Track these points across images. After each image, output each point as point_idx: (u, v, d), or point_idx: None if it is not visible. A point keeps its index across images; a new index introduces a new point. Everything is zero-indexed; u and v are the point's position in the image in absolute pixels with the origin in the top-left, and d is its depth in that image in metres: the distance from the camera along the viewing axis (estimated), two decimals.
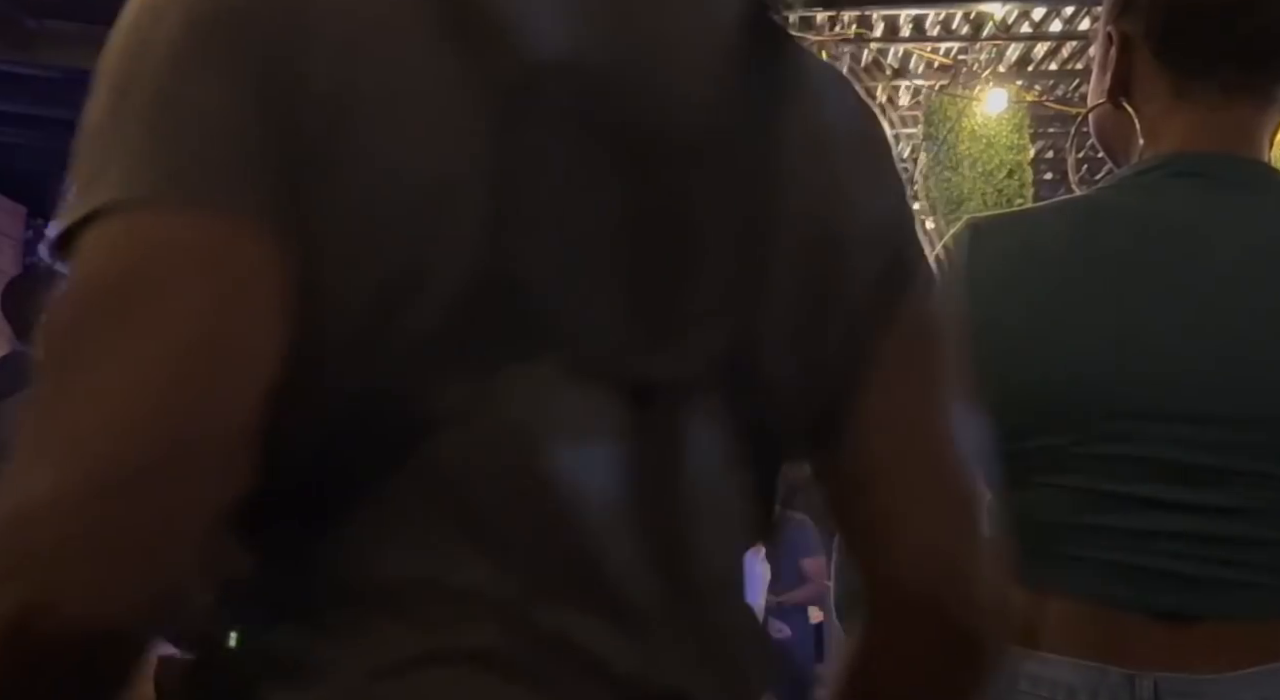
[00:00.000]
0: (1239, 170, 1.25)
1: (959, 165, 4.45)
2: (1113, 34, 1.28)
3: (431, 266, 0.56)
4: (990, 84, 4.40)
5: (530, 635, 0.59)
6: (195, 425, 0.53)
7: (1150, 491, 1.18)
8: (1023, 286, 1.23)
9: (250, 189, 0.55)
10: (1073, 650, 1.19)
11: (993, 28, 4.26)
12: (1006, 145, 4.46)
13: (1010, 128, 4.46)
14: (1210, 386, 1.17)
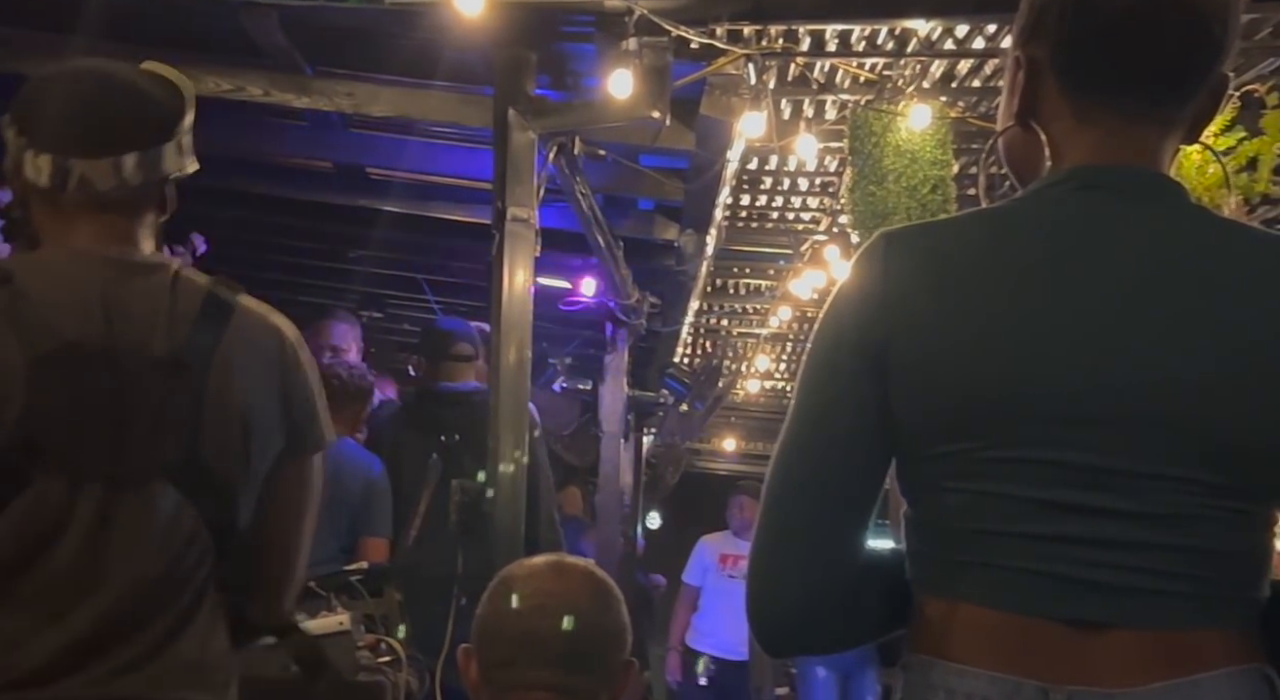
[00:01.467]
0: (1142, 182, 1.27)
1: (884, 179, 4.48)
2: (1020, 58, 1.31)
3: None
4: (914, 100, 4.44)
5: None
6: None
7: (1063, 496, 1.19)
8: (936, 296, 1.25)
9: None
10: (987, 661, 1.20)
11: (917, 44, 4.31)
12: (930, 160, 4.50)
13: (934, 143, 4.50)
14: (1121, 391, 1.19)
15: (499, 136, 3.49)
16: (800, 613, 1.29)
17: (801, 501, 1.27)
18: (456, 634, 3.19)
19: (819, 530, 1.27)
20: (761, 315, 8.29)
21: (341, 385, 3.92)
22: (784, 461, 1.29)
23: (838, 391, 1.27)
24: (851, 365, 1.26)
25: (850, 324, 1.28)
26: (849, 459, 1.27)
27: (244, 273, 5.98)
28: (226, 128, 4.58)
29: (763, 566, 1.29)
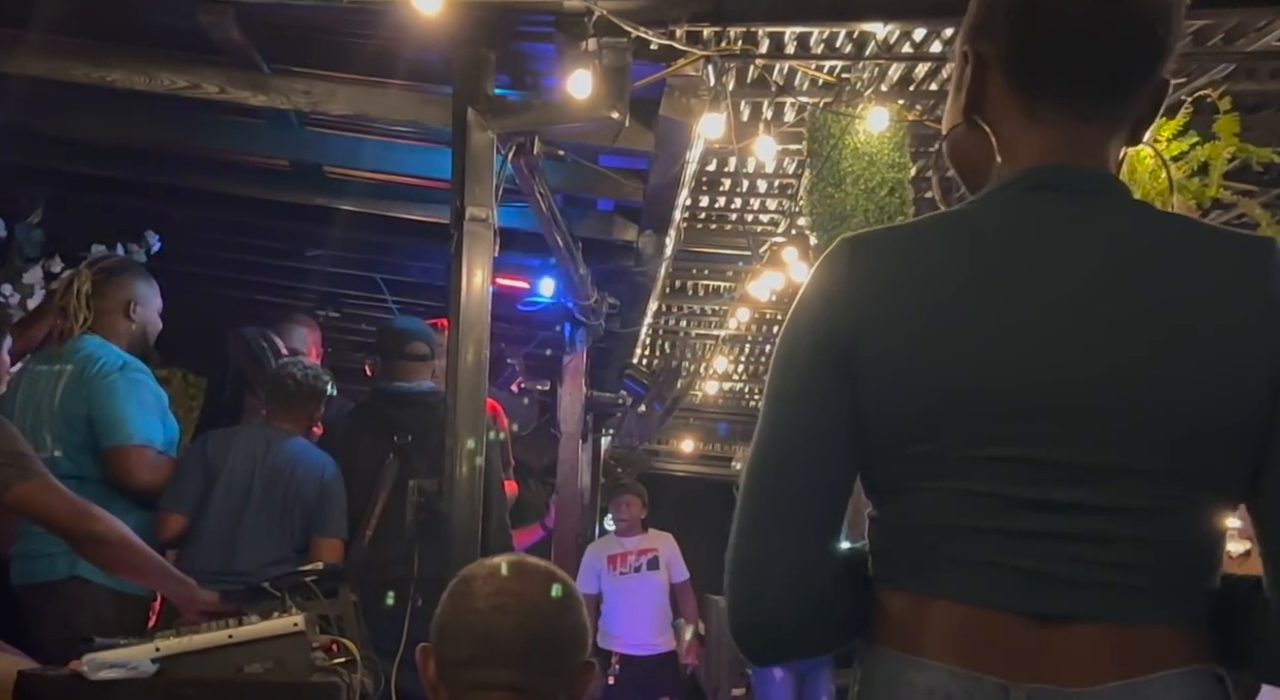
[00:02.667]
0: (1094, 183, 1.29)
1: (842, 182, 4.51)
2: (968, 53, 1.32)
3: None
4: (872, 103, 4.46)
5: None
6: None
7: (1026, 492, 1.21)
8: (900, 298, 1.27)
9: None
10: (951, 656, 1.21)
11: (875, 47, 4.33)
12: (888, 163, 4.53)
13: (892, 146, 4.53)
14: (1079, 388, 1.21)
15: (458, 136, 3.47)
16: (783, 622, 1.29)
17: (777, 511, 1.28)
18: (412, 634, 3.18)
19: (796, 539, 1.27)
20: (720, 317, 8.31)
21: (296, 386, 3.91)
22: (757, 470, 1.30)
23: (807, 396, 1.28)
24: (819, 368, 1.27)
25: (815, 328, 1.29)
26: (822, 464, 1.27)
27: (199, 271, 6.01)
28: (182, 125, 4.55)
29: (742, 577, 1.29)
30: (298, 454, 3.85)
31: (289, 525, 3.76)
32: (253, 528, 3.70)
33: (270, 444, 3.82)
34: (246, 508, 3.70)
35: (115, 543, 2.95)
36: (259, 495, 3.73)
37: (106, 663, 2.41)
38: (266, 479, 3.75)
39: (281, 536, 3.75)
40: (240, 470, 3.74)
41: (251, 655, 2.47)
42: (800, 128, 4.78)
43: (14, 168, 4.92)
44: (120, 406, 3.48)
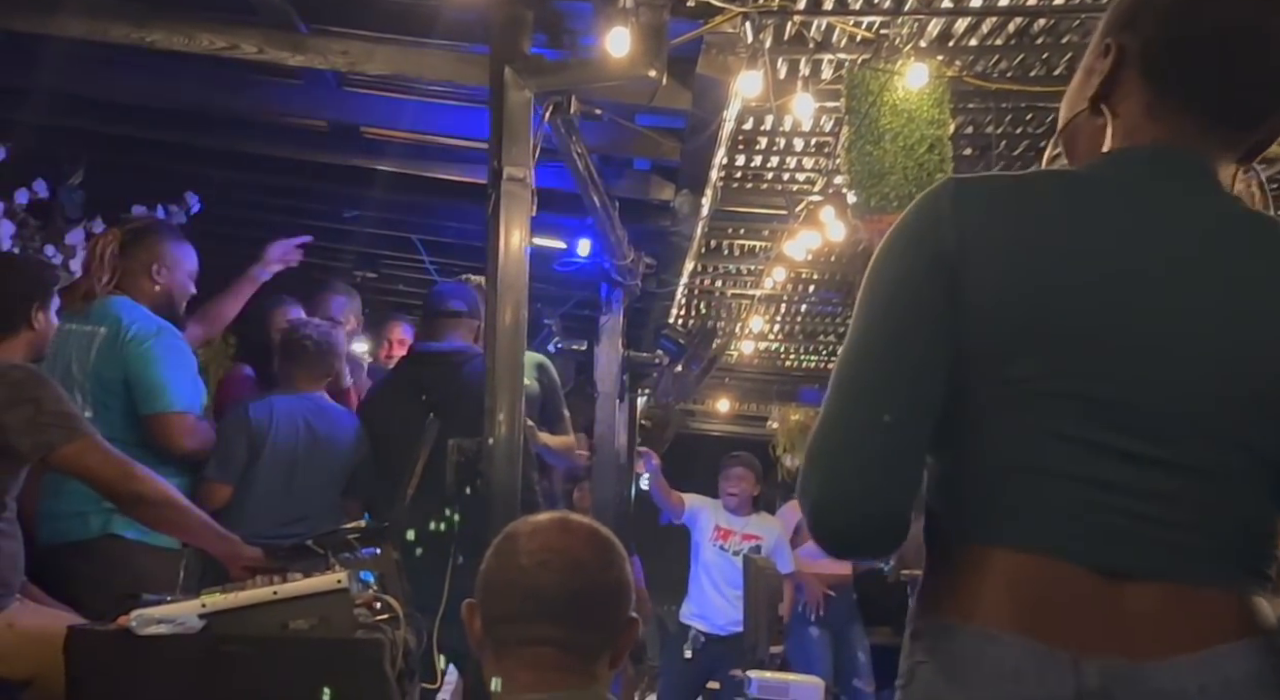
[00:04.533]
0: (1202, 168, 1.33)
1: (880, 139, 4.47)
2: (1111, 44, 1.34)
3: None
4: (912, 58, 4.42)
5: None
6: None
7: (1105, 438, 1.22)
8: (1008, 226, 1.29)
9: None
10: (1018, 622, 1.20)
11: (914, 2, 4.29)
12: (927, 120, 4.49)
13: (931, 102, 4.49)
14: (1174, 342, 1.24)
15: (495, 95, 3.46)
16: (873, 514, 1.26)
17: (871, 410, 1.27)
18: (453, 591, 3.21)
19: (888, 442, 1.26)
20: (756, 276, 8.28)
21: (315, 345, 3.97)
22: (855, 366, 1.29)
23: (909, 300, 1.29)
24: (923, 278, 1.28)
25: (920, 241, 1.30)
26: (921, 365, 1.27)
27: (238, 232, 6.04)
28: (220, 86, 4.57)
29: (834, 461, 1.27)
30: (336, 416, 3.92)
31: (336, 486, 3.82)
32: (302, 492, 3.75)
33: (309, 409, 3.87)
34: (295, 473, 3.75)
35: (161, 502, 2.99)
36: (305, 460, 3.78)
37: (154, 618, 2.45)
38: (311, 444, 3.81)
39: (331, 498, 3.81)
40: (285, 437, 3.79)
41: (296, 611, 2.50)
42: (838, 85, 4.74)
43: (55, 129, 4.95)
44: (160, 373, 3.51)
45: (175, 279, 3.78)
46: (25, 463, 2.93)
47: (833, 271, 7.82)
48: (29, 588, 3.02)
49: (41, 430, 2.85)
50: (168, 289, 3.76)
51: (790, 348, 10.83)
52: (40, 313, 3.11)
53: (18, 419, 2.83)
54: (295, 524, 3.65)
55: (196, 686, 2.46)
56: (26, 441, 2.84)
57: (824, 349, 10.77)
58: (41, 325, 3.12)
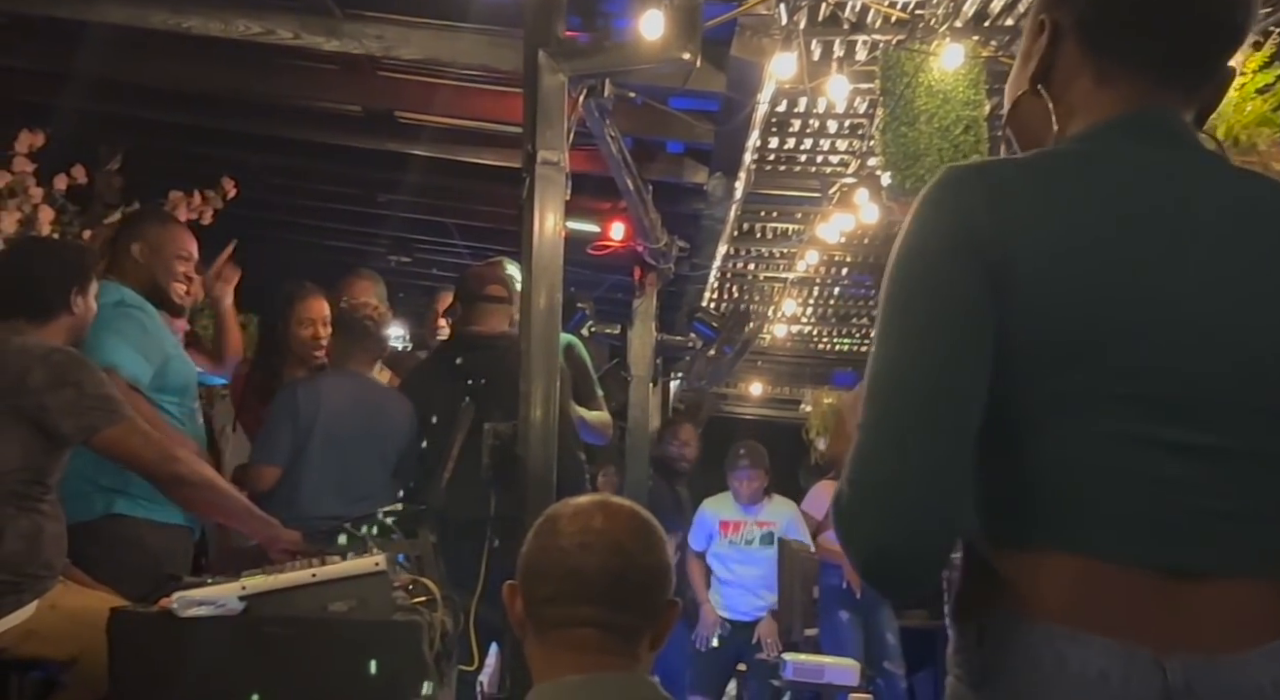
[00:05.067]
0: (1180, 125, 1.30)
1: (916, 120, 4.45)
2: (1045, 22, 1.33)
3: None
4: (947, 39, 4.39)
5: None
6: None
7: (1167, 433, 1.19)
8: (1049, 228, 1.23)
9: None
10: (1092, 623, 1.17)
11: None
12: (963, 101, 4.46)
13: (966, 83, 4.46)
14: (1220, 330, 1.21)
15: (529, 79, 3.47)
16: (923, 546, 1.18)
17: (912, 436, 1.17)
18: (490, 574, 3.23)
19: (939, 457, 1.17)
20: (789, 259, 8.26)
21: (375, 326, 3.99)
22: (893, 379, 1.19)
23: (949, 308, 1.20)
24: (962, 280, 1.20)
25: (954, 242, 1.21)
26: (965, 376, 1.19)
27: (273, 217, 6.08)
28: (256, 71, 4.59)
29: (879, 499, 1.17)
30: (386, 395, 3.95)
31: (388, 465, 3.85)
32: (359, 471, 3.77)
33: (359, 387, 3.89)
34: (348, 451, 3.77)
35: (200, 484, 3.02)
36: (358, 438, 3.80)
37: (195, 600, 2.48)
38: (363, 421, 3.83)
39: (384, 478, 3.83)
40: (335, 415, 3.81)
41: (335, 594, 2.52)
42: (872, 66, 4.71)
43: (94, 115, 4.99)
44: (100, 332, 3.41)
45: (158, 260, 3.68)
46: (68, 445, 2.96)
47: (866, 254, 7.79)
48: (71, 570, 3.06)
49: (84, 413, 2.88)
50: (150, 270, 3.70)
51: (823, 331, 10.79)
52: (80, 297, 3.14)
53: (60, 402, 2.86)
54: (359, 503, 3.68)
55: (236, 667, 2.49)
56: (69, 424, 2.88)
57: (857, 332, 10.73)
58: (80, 310, 3.15)
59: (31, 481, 2.88)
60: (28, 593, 2.83)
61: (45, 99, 4.80)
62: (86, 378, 2.92)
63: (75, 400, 2.87)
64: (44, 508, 2.91)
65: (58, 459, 2.96)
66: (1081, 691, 1.16)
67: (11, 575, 2.82)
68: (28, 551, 2.85)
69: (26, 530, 2.85)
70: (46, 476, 2.92)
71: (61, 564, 2.98)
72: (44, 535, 2.89)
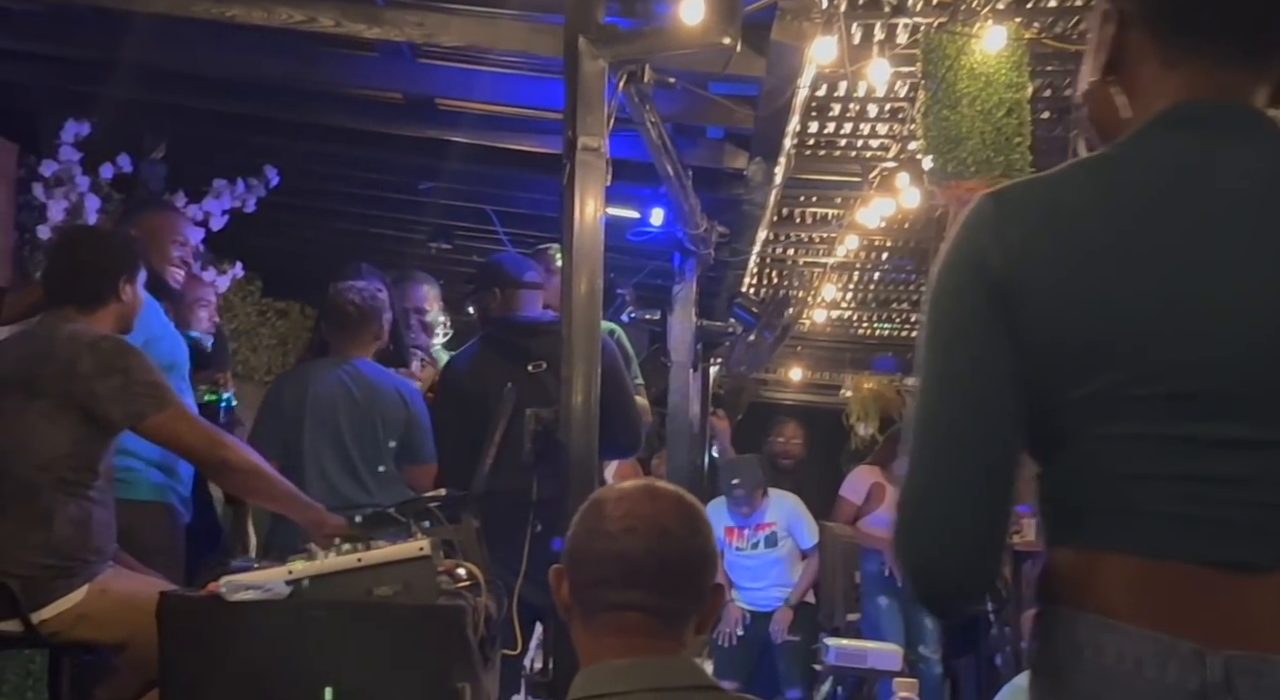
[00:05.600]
0: (1235, 114, 1.28)
1: (958, 104, 4.42)
2: (1110, 11, 1.32)
3: None
4: (989, 21, 4.35)
5: None
6: None
7: (1207, 431, 1.19)
8: (1053, 236, 1.25)
9: None
10: (1137, 615, 1.18)
11: None
12: (1005, 83, 4.43)
13: (1009, 66, 4.43)
14: (1248, 321, 1.20)
15: (569, 65, 3.46)
16: (968, 567, 1.26)
17: (952, 463, 1.25)
18: (533, 559, 3.24)
19: (981, 487, 1.25)
20: (828, 244, 8.22)
21: (357, 310, 3.98)
22: (931, 418, 1.27)
23: (967, 341, 1.27)
24: (976, 310, 1.26)
25: (967, 272, 1.28)
26: (996, 407, 1.25)
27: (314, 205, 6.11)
28: (298, 59, 4.62)
29: (926, 531, 1.26)
30: (374, 379, 3.93)
31: (386, 450, 3.85)
32: (358, 458, 3.79)
33: (348, 374, 3.90)
34: (344, 439, 3.79)
35: (247, 470, 3.05)
36: (346, 427, 3.81)
37: (243, 585, 2.51)
38: (350, 410, 3.84)
39: (388, 462, 3.85)
40: (323, 406, 3.83)
41: (380, 578, 2.54)
42: (914, 49, 4.68)
43: (138, 104, 5.04)
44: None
45: (154, 245, 3.73)
46: (116, 431, 3.00)
47: (906, 238, 7.74)
48: (120, 554, 3.10)
49: (132, 400, 2.92)
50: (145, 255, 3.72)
51: (863, 316, 10.74)
52: (128, 286, 3.17)
53: (108, 388, 2.90)
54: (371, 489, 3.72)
55: (283, 651, 2.52)
56: (118, 410, 2.91)
57: (897, 317, 10.68)
58: (129, 298, 3.18)
59: (81, 468, 2.92)
60: (78, 577, 2.87)
61: (91, 88, 4.85)
62: (134, 364, 2.96)
63: (123, 387, 2.91)
64: (93, 494, 2.95)
65: (106, 445, 3.00)
66: (1116, 680, 1.17)
67: (62, 560, 2.86)
68: (78, 537, 2.89)
69: (76, 516, 2.89)
70: (95, 463, 2.96)
71: (111, 549, 3.02)
72: (93, 521, 2.93)
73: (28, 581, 2.81)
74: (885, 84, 5.17)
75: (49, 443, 2.88)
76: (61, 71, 5.02)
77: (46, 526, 2.85)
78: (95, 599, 2.87)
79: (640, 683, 1.59)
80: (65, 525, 2.87)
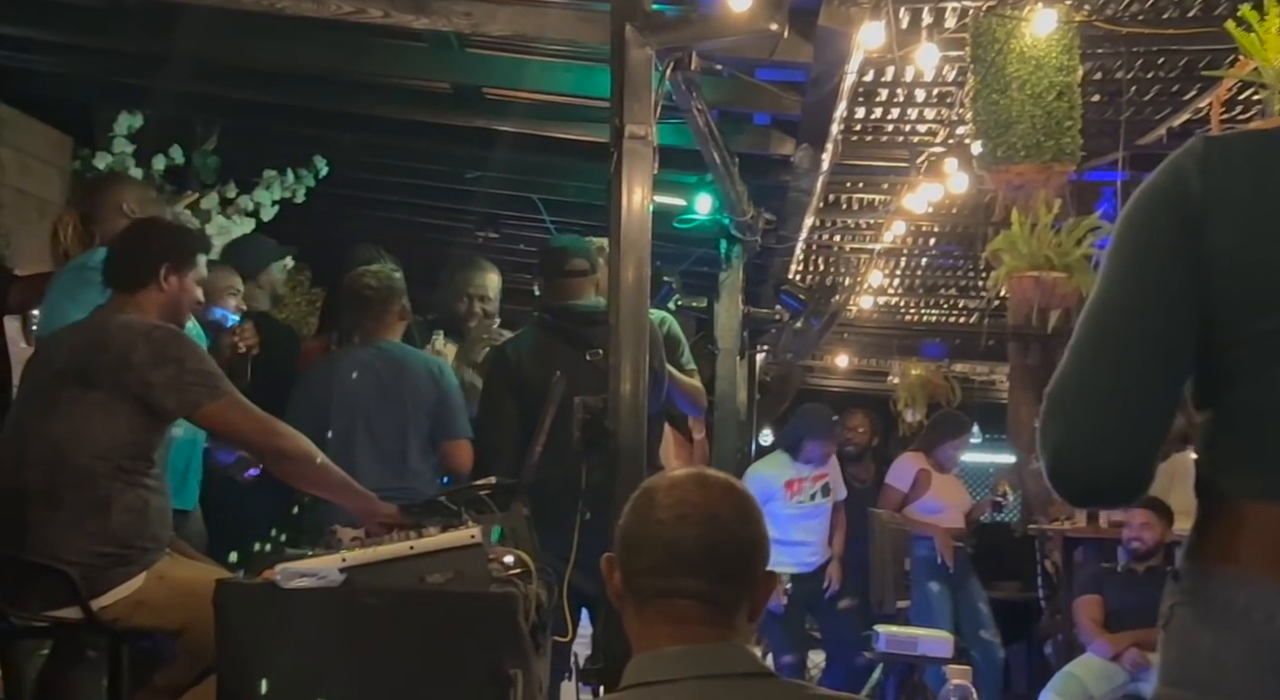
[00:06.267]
0: None
1: (1007, 88, 4.38)
2: None
3: None
4: (1039, 4, 4.31)
5: None
6: None
7: None
8: (1258, 183, 1.29)
9: None
10: (1261, 564, 1.21)
11: None
12: (1055, 66, 4.39)
13: (1059, 49, 4.39)
14: None
15: (616, 53, 3.46)
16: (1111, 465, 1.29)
17: (1117, 355, 1.29)
18: (582, 546, 3.25)
19: (1132, 387, 1.28)
20: (875, 230, 8.19)
21: (375, 292, 4.00)
22: (1099, 321, 1.32)
23: (1158, 261, 1.30)
24: (1166, 230, 1.30)
25: (1166, 198, 1.31)
26: (1165, 322, 1.29)
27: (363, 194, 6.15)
28: (347, 50, 4.64)
29: (1073, 417, 1.30)
30: (402, 359, 3.95)
31: (420, 431, 3.87)
32: (390, 441, 3.81)
33: (373, 357, 3.92)
34: (374, 424, 3.81)
35: (300, 458, 3.08)
36: (375, 412, 3.83)
37: (298, 572, 2.53)
38: (379, 394, 3.86)
39: (421, 444, 3.87)
40: (350, 393, 3.85)
41: (432, 566, 2.56)
42: (962, 33, 4.64)
43: (190, 96, 5.09)
44: (51, 295, 3.53)
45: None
46: (171, 420, 3.04)
47: (954, 224, 7.69)
48: (177, 542, 3.14)
49: (186, 389, 2.95)
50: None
51: (910, 302, 10.69)
52: (172, 276, 3.15)
53: (163, 378, 2.93)
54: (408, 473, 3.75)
55: (337, 637, 2.54)
56: (172, 400, 2.95)
57: (944, 303, 10.62)
58: (172, 288, 3.16)
59: (137, 457, 2.96)
60: (136, 564, 2.91)
61: (144, 81, 4.90)
62: (188, 354, 2.99)
63: (177, 376, 2.94)
64: (149, 482, 2.99)
65: (162, 434, 3.04)
66: (1226, 625, 1.21)
67: (120, 548, 2.90)
68: (135, 525, 2.93)
69: (133, 504, 2.93)
70: (151, 451, 3.00)
71: (168, 536, 3.06)
72: (150, 509, 2.97)
73: (87, 569, 2.85)
74: (933, 68, 5.14)
75: (106, 432, 2.92)
76: (115, 65, 5.08)
77: (104, 515, 2.89)
78: (153, 586, 2.91)
79: (691, 670, 1.59)
80: (122, 513, 2.91)
